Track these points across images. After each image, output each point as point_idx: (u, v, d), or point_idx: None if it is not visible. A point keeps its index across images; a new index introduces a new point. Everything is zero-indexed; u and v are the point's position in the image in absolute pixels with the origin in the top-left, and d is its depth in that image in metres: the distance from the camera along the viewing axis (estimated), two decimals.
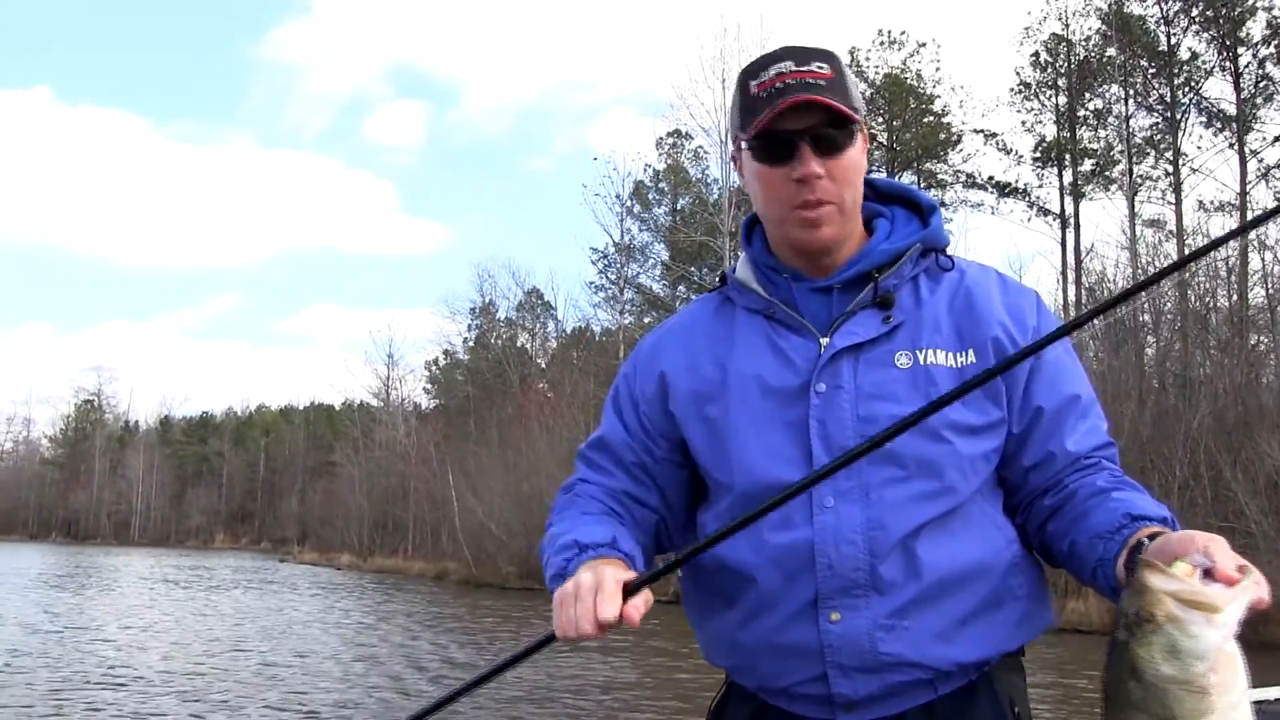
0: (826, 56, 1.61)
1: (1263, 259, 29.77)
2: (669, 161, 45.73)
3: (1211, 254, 29.21)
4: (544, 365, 51.32)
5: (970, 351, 1.60)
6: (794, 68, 1.58)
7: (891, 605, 1.53)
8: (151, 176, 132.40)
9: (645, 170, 45.39)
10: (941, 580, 1.54)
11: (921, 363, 1.59)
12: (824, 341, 1.62)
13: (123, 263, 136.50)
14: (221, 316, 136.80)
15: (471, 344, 55.01)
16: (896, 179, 1.70)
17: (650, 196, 46.02)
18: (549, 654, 15.52)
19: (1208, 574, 1.17)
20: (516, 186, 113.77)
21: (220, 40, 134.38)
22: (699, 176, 44.72)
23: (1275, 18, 30.24)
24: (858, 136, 1.61)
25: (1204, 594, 1.14)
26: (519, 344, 52.53)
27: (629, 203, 44.90)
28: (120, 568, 42.23)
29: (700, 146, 44.14)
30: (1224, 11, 30.90)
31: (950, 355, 1.60)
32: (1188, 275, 28.38)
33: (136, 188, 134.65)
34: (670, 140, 45.22)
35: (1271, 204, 30.66)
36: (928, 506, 1.55)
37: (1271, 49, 30.65)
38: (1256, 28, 30.81)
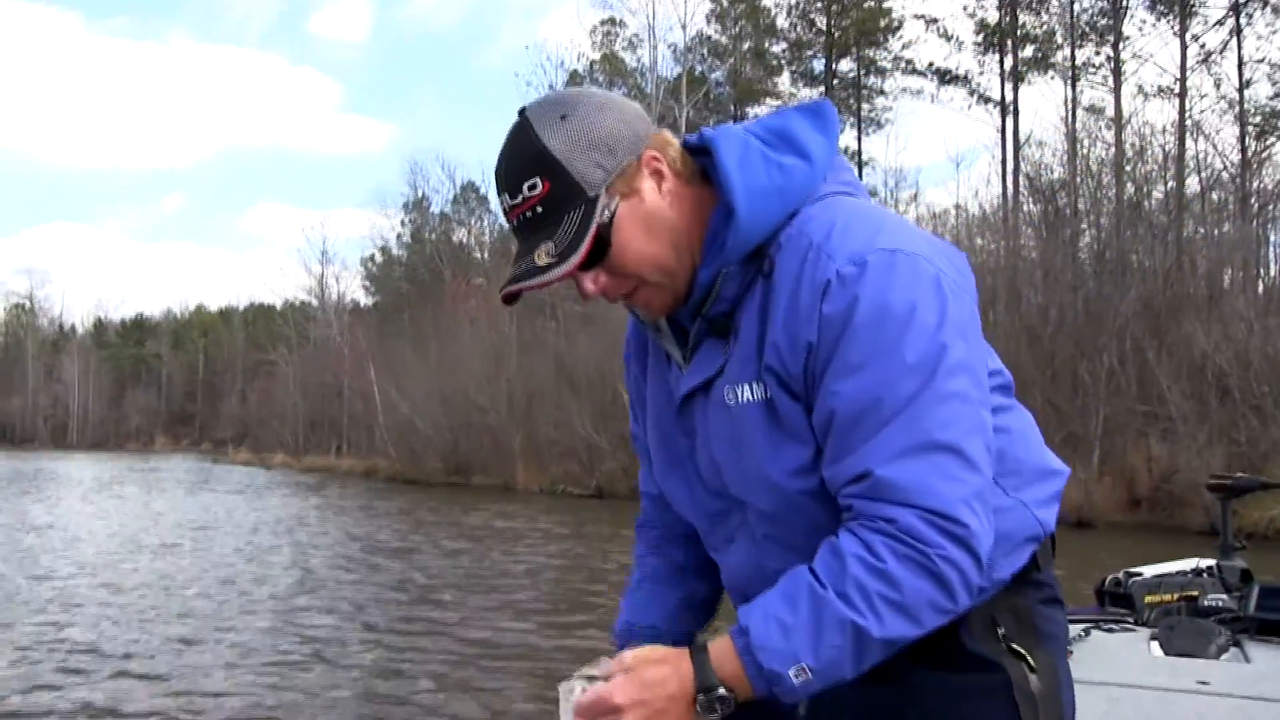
0: (536, 163, 1.27)
1: (1197, 146, 29.43)
2: (604, 51, 44.24)
3: (1150, 141, 28.79)
4: (482, 259, 50.23)
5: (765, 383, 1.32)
6: (510, 202, 1.31)
7: None
8: (87, 75, 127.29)
9: (579, 59, 43.88)
10: None
11: (739, 400, 1.34)
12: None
13: (60, 164, 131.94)
14: (169, 217, 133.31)
15: (407, 240, 53.75)
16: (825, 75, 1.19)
17: (585, 86, 44.48)
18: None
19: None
20: (465, 82, 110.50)
21: None
22: (635, 65, 43.32)
23: None
24: (619, 205, 1.29)
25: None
26: (454, 239, 51.29)
27: None
28: (59, 473, 41.32)
29: (635, 34, 42.70)
30: None
31: (754, 388, 1.33)
32: (1125, 164, 27.97)
33: (71, 87, 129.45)
34: (604, 28, 43.70)
35: (1210, 89, 30.25)
36: (790, 556, 1.33)
37: None
38: None
